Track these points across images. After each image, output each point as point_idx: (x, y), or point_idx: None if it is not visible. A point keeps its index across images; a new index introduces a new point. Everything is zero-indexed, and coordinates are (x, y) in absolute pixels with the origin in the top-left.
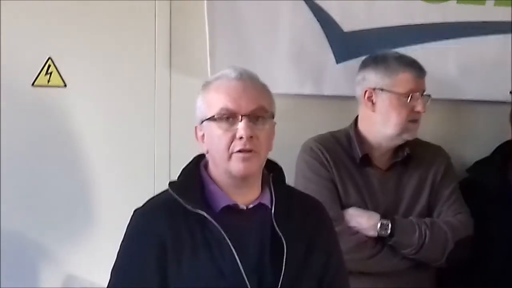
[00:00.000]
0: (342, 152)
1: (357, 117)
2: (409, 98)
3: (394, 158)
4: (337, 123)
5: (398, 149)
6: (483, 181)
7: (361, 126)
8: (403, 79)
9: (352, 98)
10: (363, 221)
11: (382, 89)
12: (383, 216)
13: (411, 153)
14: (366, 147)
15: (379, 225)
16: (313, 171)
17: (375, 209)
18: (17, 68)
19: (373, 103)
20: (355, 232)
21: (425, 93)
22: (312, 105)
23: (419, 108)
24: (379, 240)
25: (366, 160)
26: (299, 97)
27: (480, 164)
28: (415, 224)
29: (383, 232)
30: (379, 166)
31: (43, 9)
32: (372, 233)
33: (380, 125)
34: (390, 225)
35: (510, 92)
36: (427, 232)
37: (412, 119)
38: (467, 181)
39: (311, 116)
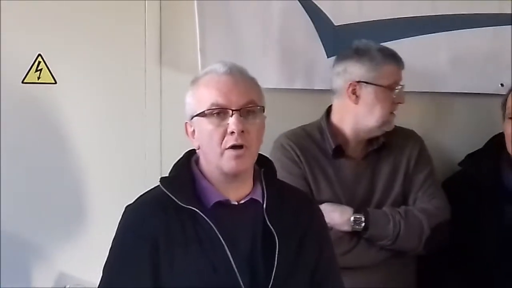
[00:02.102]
0: (314, 146)
1: (328, 108)
2: (395, 90)
3: (369, 147)
4: None
5: (373, 138)
6: (476, 174)
7: (336, 117)
8: (388, 72)
9: None
10: (336, 216)
11: (367, 82)
12: (357, 209)
13: (385, 141)
14: (340, 138)
15: (352, 219)
16: (285, 169)
17: (350, 201)
18: (6, 65)
19: (356, 96)
20: (329, 229)
21: (401, 84)
22: (303, 99)
23: (400, 100)
24: (355, 234)
25: (339, 151)
26: (290, 91)
27: (472, 157)
28: (389, 215)
29: (356, 227)
30: (354, 157)
31: (33, 6)
32: (346, 228)
33: (362, 117)
34: (363, 219)
35: (501, 85)
36: (402, 221)
37: (392, 110)
38: (459, 174)
39: (302, 111)
